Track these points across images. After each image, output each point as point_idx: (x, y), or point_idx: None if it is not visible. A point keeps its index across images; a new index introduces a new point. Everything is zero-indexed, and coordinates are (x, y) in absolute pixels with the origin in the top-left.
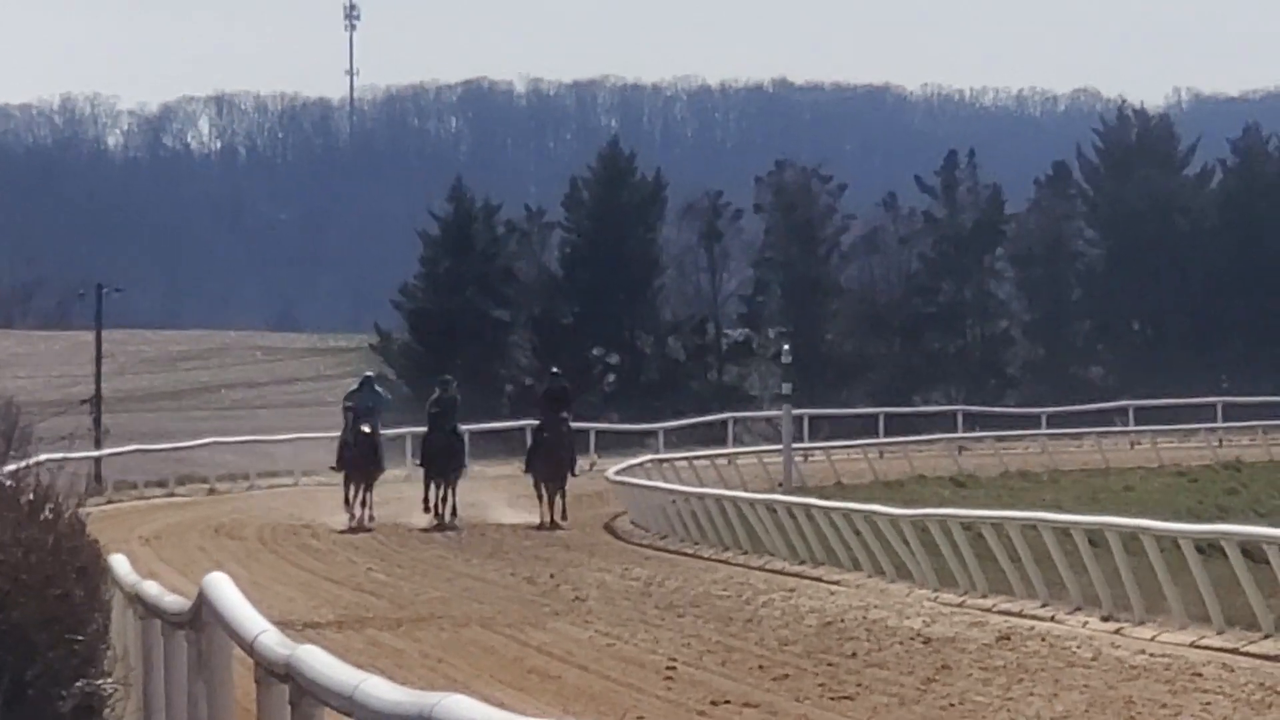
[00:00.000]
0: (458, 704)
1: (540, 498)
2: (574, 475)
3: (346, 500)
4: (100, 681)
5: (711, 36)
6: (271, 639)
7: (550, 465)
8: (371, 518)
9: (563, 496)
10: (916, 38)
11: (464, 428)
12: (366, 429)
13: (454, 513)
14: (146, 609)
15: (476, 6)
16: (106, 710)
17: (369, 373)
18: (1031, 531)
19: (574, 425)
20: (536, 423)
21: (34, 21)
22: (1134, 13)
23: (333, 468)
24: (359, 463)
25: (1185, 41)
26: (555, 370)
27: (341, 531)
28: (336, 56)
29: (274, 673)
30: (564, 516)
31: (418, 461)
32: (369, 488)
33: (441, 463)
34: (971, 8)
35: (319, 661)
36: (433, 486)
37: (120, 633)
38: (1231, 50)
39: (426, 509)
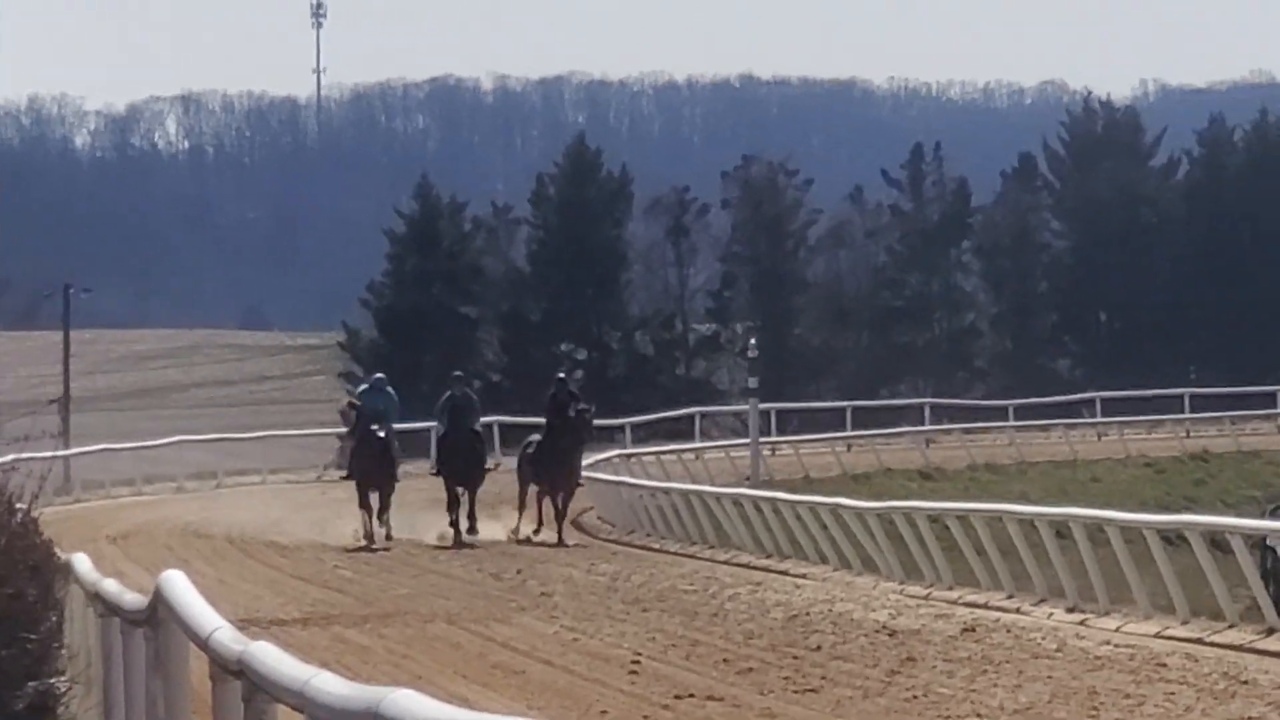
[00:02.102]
0: (404, 698)
1: (539, 510)
2: (581, 485)
3: (361, 505)
4: (53, 680)
5: (678, 32)
6: (225, 636)
7: (562, 472)
8: (389, 536)
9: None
10: (883, 32)
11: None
12: (380, 432)
13: (472, 527)
14: (106, 607)
15: (443, 4)
16: (60, 708)
17: (379, 375)
18: (997, 523)
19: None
20: (547, 426)
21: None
22: (1100, 5)
23: (343, 477)
24: (372, 470)
25: (1152, 33)
26: (561, 375)
27: (352, 550)
28: (303, 55)
29: (228, 669)
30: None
31: (433, 470)
32: (385, 499)
33: (463, 466)
34: (937, 1)
35: (270, 657)
36: (456, 494)
37: (82, 631)
38: (1198, 42)
39: (452, 523)
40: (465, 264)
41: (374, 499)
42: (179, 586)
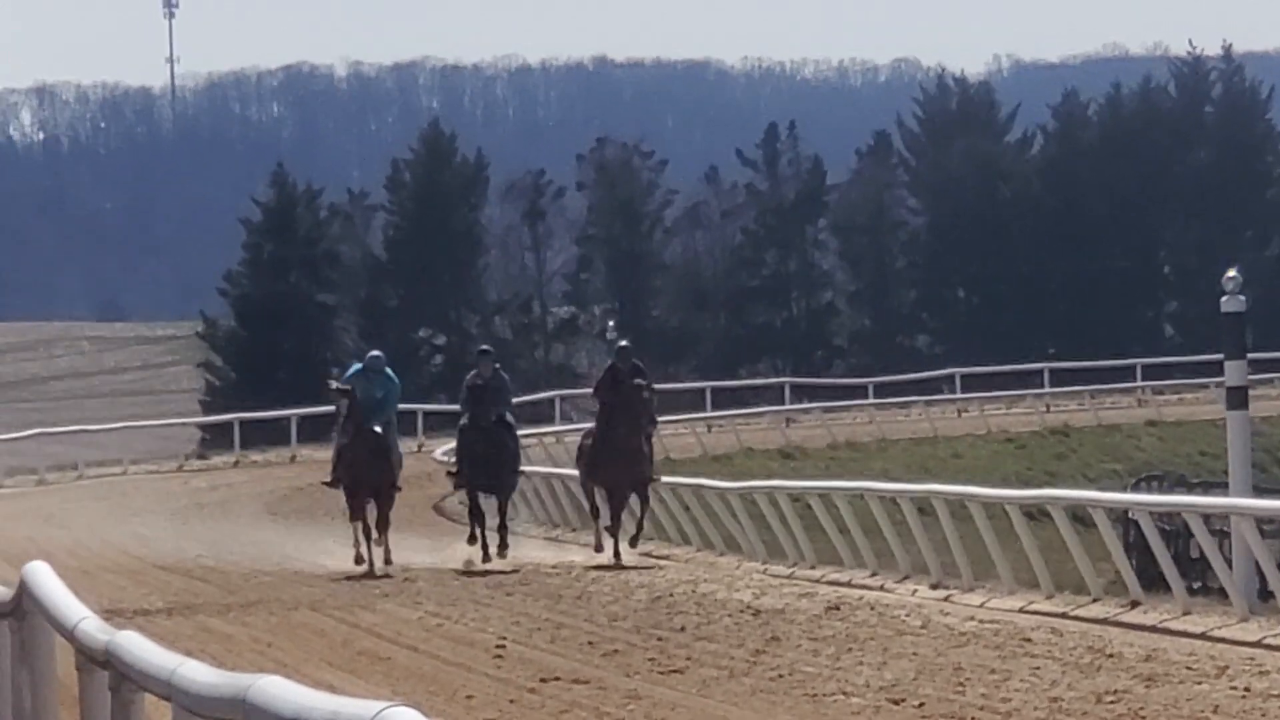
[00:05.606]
0: (271, 684)
1: (597, 513)
2: (655, 480)
3: (357, 541)
4: None
5: (531, 16)
6: (91, 626)
7: (619, 465)
8: (388, 560)
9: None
10: (736, 11)
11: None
12: (377, 428)
13: (503, 543)
14: None
15: None
16: None
17: (376, 353)
18: (859, 501)
19: (405, 409)
20: (600, 410)
21: None
22: None
23: (326, 483)
24: (366, 475)
25: (1004, 9)
26: (624, 344)
27: (348, 578)
28: (157, 45)
29: (94, 659)
30: (633, 544)
31: (450, 470)
32: (384, 513)
33: (489, 472)
34: None
35: (137, 647)
36: (478, 502)
37: None
38: (1050, 16)
39: (472, 539)
40: (322, 251)
41: (370, 514)
42: (44, 577)
